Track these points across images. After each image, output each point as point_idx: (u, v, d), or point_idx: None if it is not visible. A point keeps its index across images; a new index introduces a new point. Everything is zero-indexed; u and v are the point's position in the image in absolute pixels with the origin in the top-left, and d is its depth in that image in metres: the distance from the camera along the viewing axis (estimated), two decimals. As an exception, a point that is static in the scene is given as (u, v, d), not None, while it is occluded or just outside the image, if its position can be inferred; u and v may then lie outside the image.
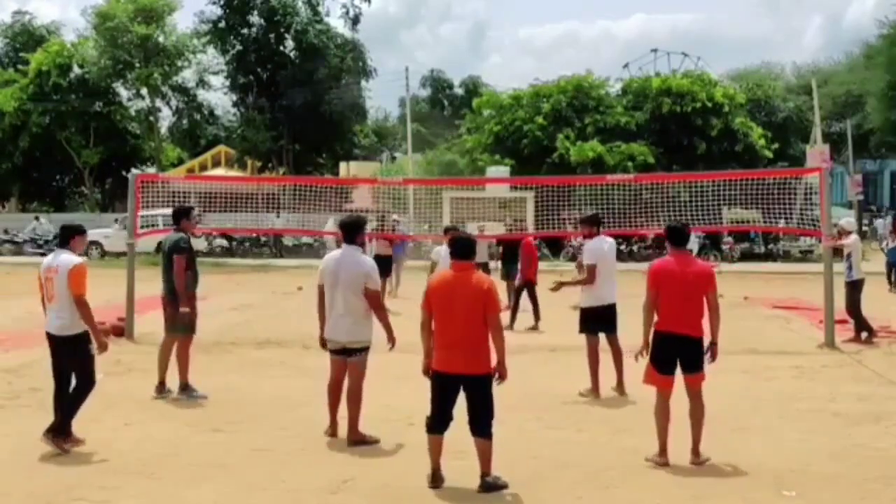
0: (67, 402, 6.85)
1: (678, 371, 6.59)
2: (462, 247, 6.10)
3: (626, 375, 8.70)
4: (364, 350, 7.10)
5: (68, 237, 7.05)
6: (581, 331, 9.06)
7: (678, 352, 6.53)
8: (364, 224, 7.47)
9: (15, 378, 9.60)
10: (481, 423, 5.86)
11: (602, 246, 9.13)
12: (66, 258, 6.89)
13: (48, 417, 6.87)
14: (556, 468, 6.44)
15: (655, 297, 6.57)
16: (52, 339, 6.92)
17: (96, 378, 7.02)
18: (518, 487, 5.95)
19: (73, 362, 6.89)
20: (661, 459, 6.51)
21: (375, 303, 7.10)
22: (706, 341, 6.61)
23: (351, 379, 7.11)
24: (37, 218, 35.23)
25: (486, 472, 5.89)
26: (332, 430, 7.24)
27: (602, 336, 9.00)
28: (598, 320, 8.96)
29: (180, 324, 8.79)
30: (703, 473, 6.34)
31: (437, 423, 5.94)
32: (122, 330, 12.44)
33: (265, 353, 11.54)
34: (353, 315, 6.97)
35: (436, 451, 5.98)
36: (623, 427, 7.62)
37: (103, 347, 6.94)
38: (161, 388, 8.77)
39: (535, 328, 13.73)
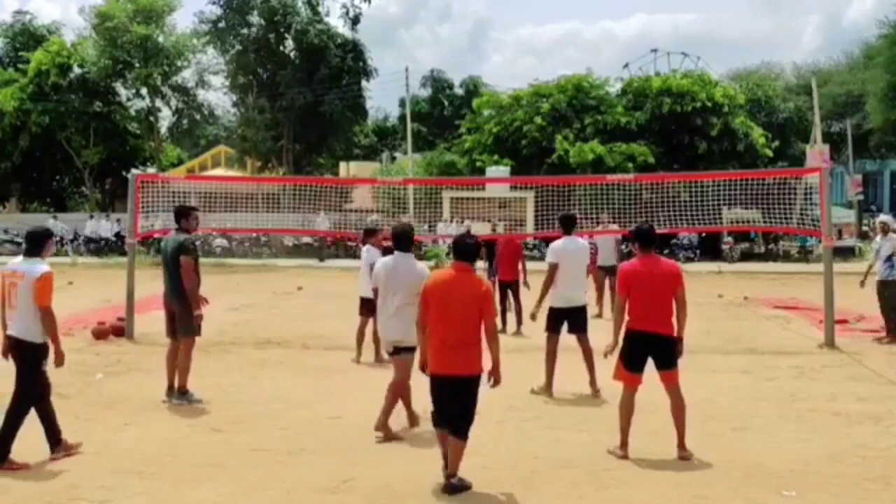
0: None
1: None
2: (463, 249, 6.10)
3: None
4: (412, 349, 7.08)
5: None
6: (545, 329, 9.05)
7: (650, 350, 6.70)
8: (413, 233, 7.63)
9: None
10: (462, 423, 5.87)
11: (567, 246, 9.01)
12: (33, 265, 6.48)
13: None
14: (556, 468, 6.43)
15: (625, 299, 6.76)
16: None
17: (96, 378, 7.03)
18: (518, 487, 5.95)
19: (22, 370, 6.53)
20: (622, 452, 6.67)
21: None
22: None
23: (397, 374, 7.30)
24: (55, 217, 35.02)
25: (453, 472, 5.87)
26: (413, 421, 7.43)
27: (573, 337, 9.00)
28: (564, 321, 8.94)
29: (189, 327, 8.66)
30: (703, 473, 6.34)
31: (441, 419, 6.00)
32: (122, 330, 12.46)
33: (265, 353, 11.53)
34: (403, 317, 7.06)
35: (444, 442, 6.02)
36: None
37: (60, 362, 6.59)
38: (171, 392, 8.64)
39: (515, 331, 13.06)
